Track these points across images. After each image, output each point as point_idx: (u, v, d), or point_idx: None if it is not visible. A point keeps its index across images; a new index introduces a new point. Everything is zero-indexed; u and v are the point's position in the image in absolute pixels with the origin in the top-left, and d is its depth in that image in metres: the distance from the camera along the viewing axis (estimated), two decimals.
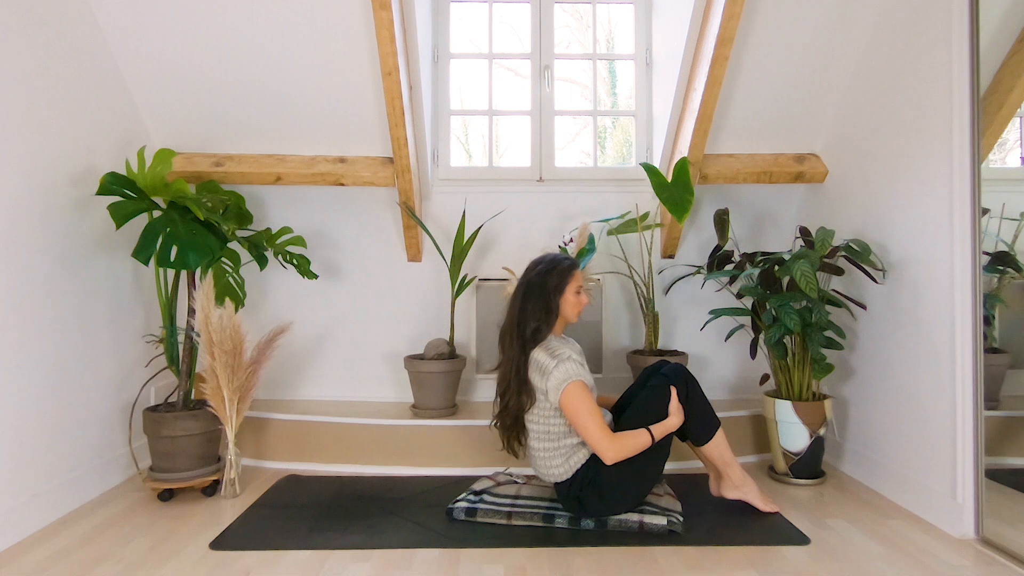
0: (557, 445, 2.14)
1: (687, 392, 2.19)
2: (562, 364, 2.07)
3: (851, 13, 2.55)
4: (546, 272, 2.20)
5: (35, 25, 2.16)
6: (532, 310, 2.16)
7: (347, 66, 2.63)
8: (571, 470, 2.13)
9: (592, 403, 2.08)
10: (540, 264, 2.23)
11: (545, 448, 2.15)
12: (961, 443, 2.05)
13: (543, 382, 2.09)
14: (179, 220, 2.35)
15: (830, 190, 2.89)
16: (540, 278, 2.19)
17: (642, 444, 2.08)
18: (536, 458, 2.20)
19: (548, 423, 2.13)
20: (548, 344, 2.15)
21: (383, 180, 2.89)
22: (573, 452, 2.14)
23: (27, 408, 2.12)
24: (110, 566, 1.87)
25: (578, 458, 2.13)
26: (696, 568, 1.85)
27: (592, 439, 2.05)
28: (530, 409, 2.15)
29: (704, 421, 2.22)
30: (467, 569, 1.85)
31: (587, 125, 3.37)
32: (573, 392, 2.05)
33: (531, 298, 2.17)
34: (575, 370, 2.08)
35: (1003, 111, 1.95)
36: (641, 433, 2.09)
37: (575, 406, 2.05)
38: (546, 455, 2.16)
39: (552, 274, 2.19)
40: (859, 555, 1.93)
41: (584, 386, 2.07)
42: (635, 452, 2.07)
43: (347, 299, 3.18)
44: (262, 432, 2.82)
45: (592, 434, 2.05)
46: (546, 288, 2.17)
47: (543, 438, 2.15)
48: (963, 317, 2.05)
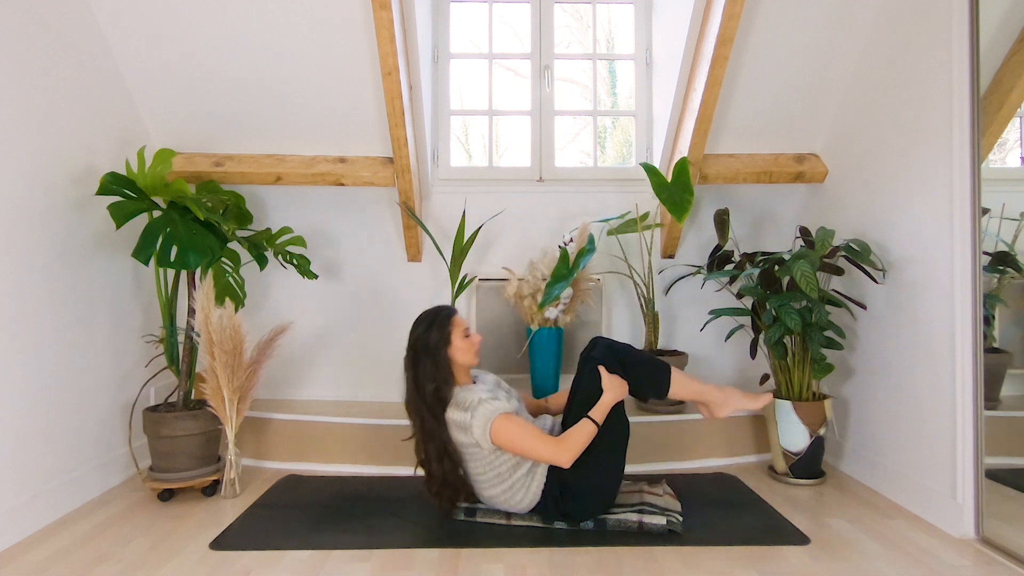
0: (511, 482, 2.12)
1: (621, 360, 2.19)
2: (476, 411, 2.06)
3: (851, 13, 2.55)
4: (425, 330, 2.18)
5: (35, 25, 2.16)
6: (425, 373, 2.14)
7: (347, 66, 2.63)
8: (537, 494, 2.12)
9: (523, 426, 2.07)
10: (418, 324, 2.22)
11: (502, 491, 2.13)
12: (961, 443, 2.05)
13: (469, 436, 2.07)
14: (179, 220, 2.35)
15: (830, 190, 2.89)
16: (422, 339, 2.18)
17: (588, 432, 2.07)
18: (500, 502, 2.17)
19: (495, 467, 2.11)
20: (455, 400, 2.13)
21: (383, 180, 2.89)
22: (529, 479, 2.12)
23: (27, 408, 2.12)
24: (110, 566, 1.87)
25: (536, 482, 2.12)
26: (696, 568, 1.85)
27: (541, 455, 2.05)
28: (468, 465, 2.13)
29: (653, 375, 2.22)
30: (467, 569, 1.85)
31: (587, 125, 3.37)
32: (500, 428, 2.04)
33: (420, 361, 2.15)
34: (490, 408, 2.06)
35: (1003, 111, 1.95)
36: (583, 423, 2.08)
37: (509, 437, 2.05)
38: (505, 495, 2.14)
39: (432, 330, 2.18)
40: (859, 555, 1.93)
41: (507, 416, 2.06)
42: (585, 443, 2.06)
43: (347, 299, 3.18)
44: (262, 432, 2.82)
45: (538, 452, 2.05)
46: (430, 346, 2.16)
47: (495, 483, 2.13)
48: (963, 317, 2.05)
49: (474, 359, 2.22)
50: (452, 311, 2.25)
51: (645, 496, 2.30)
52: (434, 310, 2.26)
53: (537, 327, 2.85)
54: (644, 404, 2.88)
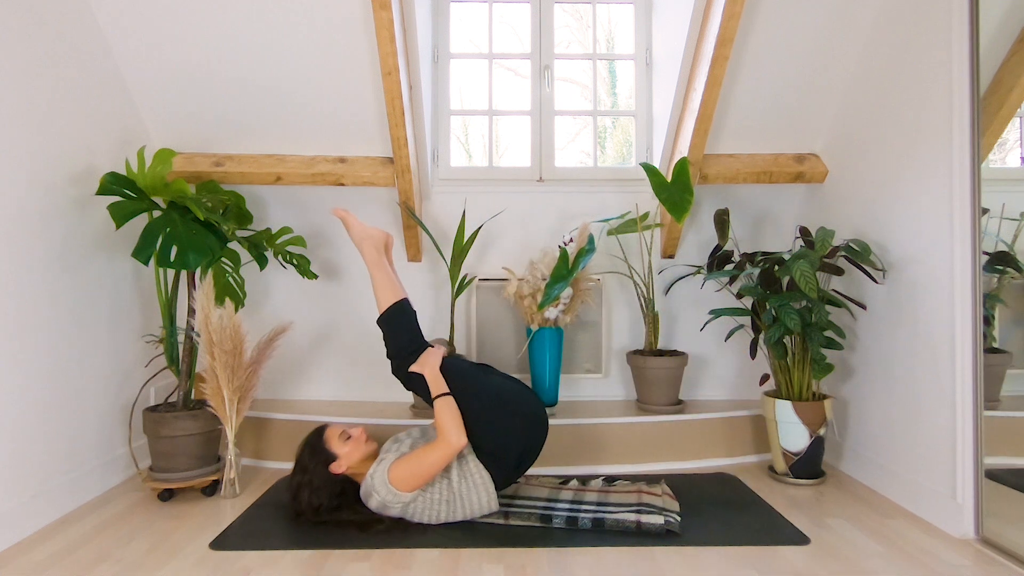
0: (460, 496, 2.12)
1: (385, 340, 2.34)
2: (374, 486, 2.08)
3: (851, 13, 2.55)
4: (306, 458, 2.19)
5: (35, 25, 2.16)
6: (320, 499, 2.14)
7: (347, 66, 2.63)
8: (488, 482, 2.13)
9: (409, 458, 2.08)
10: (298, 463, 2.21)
11: (463, 508, 2.13)
12: (961, 443, 2.05)
13: (393, 506, 2.08)
14: (179, 220, 2.35)
15: (830, 190, 2.89)
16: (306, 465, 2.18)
17: (443, 406, 2.12)
18: (475, 516, 2.16)
19: (433, 500, 2.11)
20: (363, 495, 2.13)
21: (383, 180, 2.89)
22: (469, 480, 2.13)
23: (27, 408, 2.12)
24: (110, 566, 1.87)
25: (477, 475, 2.13)
26: (696, 568, 1.85)
27: (442, 458, 2.06)
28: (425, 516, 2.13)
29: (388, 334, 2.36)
30: (467, 569, 1.85)
31: (587, 125, 3.37)
32: (396, 477, 2.06)
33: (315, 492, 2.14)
34: (379, 475, 2.08)
35: (1003, 111, 1.95)
36: (436, 405, 2.13)
37: (409, 474, 2.06)
38: (469, 507, 2.14)
39: (312, 456, 2.19)
40: (859, 555, 1.93)
41: (394, 464, 2.08)
42: (452, 414, 2.10)
43: (347, 299, 3.18)
44: (262, 432, 2.82)
45: (436, 458, 2.06)
46: (315, 469, 2.16)
47: (452, 508, 2.13)
48: (963, 317, 2.05)
49: (366, 448, 2.22)
50: (321, 428, 2.26)
51: (643, 496, 2.30)
52: (303, 441, 2.25)
53: (537, 327, 2.85)
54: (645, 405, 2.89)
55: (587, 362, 3.15)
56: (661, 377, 2.85)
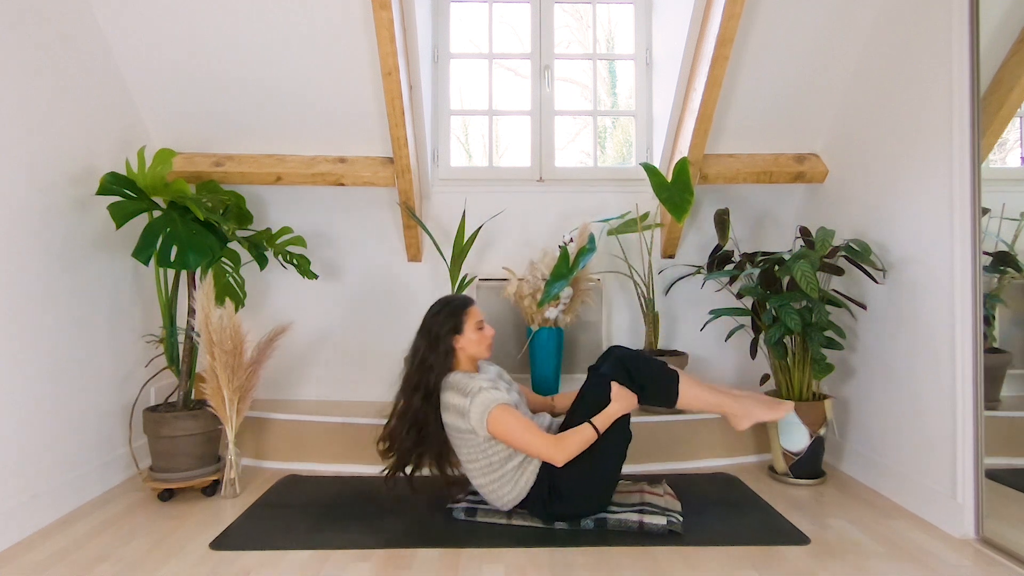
0: (501, 473, 2.12)
1: (630, 370, 2.17)
2: (475, 397, 2.06)
3: (851, 13, 2.55)
4: (441, 316, 2.20)
5: (35, 25, 2.16)
6: (429, 357, 2.16)
7: (347, 66, 2.63)
8: (524, 490, 2.11)
9: (520, 419, 2.06)
10: (433, 308, 2.23)
11: (491, 481, 2.13)
12: (961, 443, 2.05)
13: (465, 422, 2.07)
14: (179, 220, 2.35)
15: (830, 190, 2.89)
16: (434, 323, 2.20)
17: (587, 438, 2.06)
18: (487, 493, 2.16)
19: (487, 455, 2.11)
20: (456, 385, 2.12)
21: (383, 180, 2.89)
22: (519, 473, 2.12)
23: (27, 408, 2.12)
24: (110, 566, 1.87)
25: (526, 477, 2.11)
26: (696, 568, 1.85)
27: (535, 450, 2.05)
28: (461, 450, 2.13)
29: (660, 383, 2.20)
30: (467, 569, 1.85)
31: (587, 125, 3.37)
32: (497, 417, 2.04)
33: (428, 344, 2.17)
34: (490, 397, 2.06)
35: (1003, 111, 1.95)
36: (583, 427, 2.08)
37: (504, 428, 2.04)
38: (494, 487, 2.13)
39: (443, 316, 2.20)
40: (859, 555, 1.93)
41: (505, 407, 2.06)
42: (582, 447, 2.05)
43: (347, 299, 3.18)
44: (262, 432, 2.82)
45: (533, 446, 2.04)
46: (441, 332, 2.17)
47: (486, 472, 2.13)
48: (963, 317, 2.05)
49: (485, 352, 2.23)
50: (469, 301, 2.26)
51: (646, 496, 2.30)
52: (450, 297, 2.27)
53: (537, 327, 2.85)
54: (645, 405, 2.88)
55: (587, 362, 3.13)
56: None
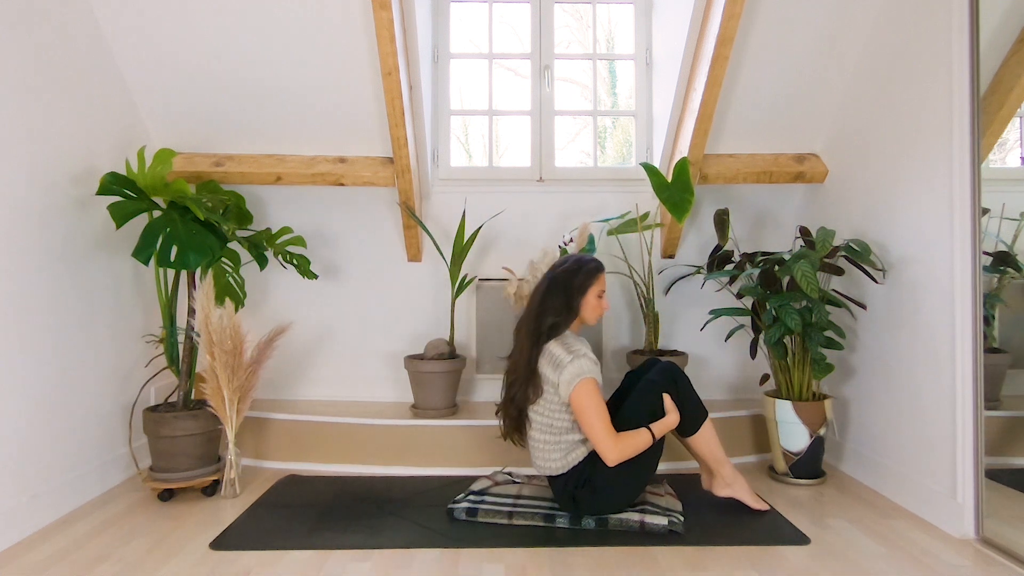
0: (558, 440, 2.15)
1: (677, 385, 2.21)
2: (577, 360, 2.08)
3: (851, 13, 2.55)
4: (573, 271, 2.20)
5: (35, 25, 2.16)
6: (552, 305, 2.17)
7: (347, 66, 2.63)
8: (568, 466, 2.14)
9: (601, 402, 2.08)
10: (567, 262, 2.24)
11: (546, 440, 2.16)
12: (961, 443, 2.05)
13: (556, 375, 2.09)
14: (179, 220, 2.35)
15: (830, 190, 2.89)
16: (566, 276, 2.20)
17: (644, 443, 2.09)
18: (535, 448, 2.20)
19: (553, 416, 2.14)
20: (564, 339, 2.15)
21: (383, 180, 2.89)
22: (572, 448, 2.15)
23: (27, 408, 2.12)
24: (110, 566, 1.87)
25: (576, 455, 2.14)
26: (696, 568, 1.85)
27: (597, 438, 2.06)
28: (536, 401, 2.15)
29: (692, 412, 2.23)
30: (467, 569, 1.85)
31: (587, 125, 3.37)
32: (584, 389, 2.06)
33: (554, 294, 2.18)
34: (589, 367, 2.08)
35: (1003, 111, 1.95)
36: (642, 432, 2.10)
37: (584, 403, 2.06)
38: (546, 447, 2.16)
39: (579, 274, 2.20)
40: (859, 555, 1.93)
41: (595, 384, 2.09)
42: (637, 451, 2.08)
43: (347, 299, 3.18)
44: (262, 432, 2.82)
45: (598, 433, 2.05)
46: (571, 286, 2.18)
47: (545, 430, 2.16)
48: (963, 317, 2.05)
49: (595, 321, 2.25)
50: (602, 266, 2.26)
51: (647, 496, 2.30)
52: (588, 258, 2.26)
53: None
54: None
55: None
56: None
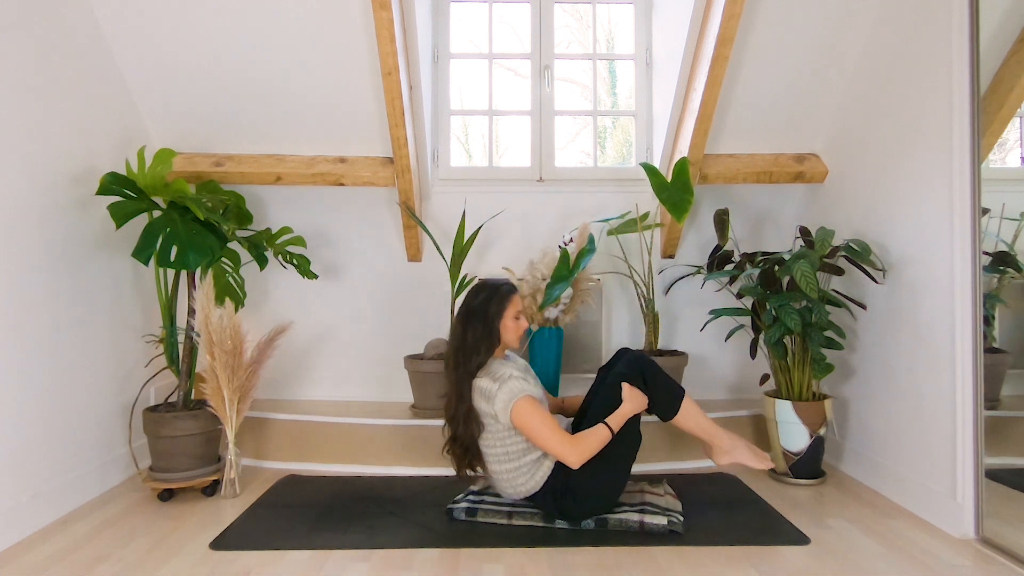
0: (519, 464, 2.13)
1: (644, 375, 2.20)
2: (505, 384, 2.07)
3: (851, 13, 2.55)
4: (487, 299, 2.19)
5: (35, 25, 2.16)
6: (474, 337, 2.15)
7: (347, 66, 2.63)
8: (539, 483, 2.12)
9: (544, 414, 2.07)
10: (480, 291, 2.23)
11: (507, 469, 2.14)
12: (961, 443, 2.05)
13: (490, 406, 2.08)
14: (179, 220, 2.35)
15: (830, 190, 2.89)
16: (482, 305, 2.19)
17: (602, 438, 2.07)
18: (500, 480, 2.17)
19: (505, 444, 2.12)
20: (489, 369, 2.14)
21: (383, 180, 2.89)
22: (537, 466, 2.13)
23: (27, 408, 2.12)
24: (110, 566, 1.87)
25: (543, 471, 2.13)
26: (696, 568, 1.85)
27: (552, 448, 2.05)
28: (481, 435, 2.14)
29: (667, 395, 2.23)
30: (467, 569, 1.85)
31: (587, 125, 3.37)
32: (521, 409, 2.05)
33: (473, 325, 2.17)
34: (519, 387, 2.07)
35: (1003, 111, 1.95)
36: (598, 428, 2.09)
37: (527, 422, 2.05)
38: (509, 475, 2.14)
39: (493, 301, 2.19)
40: (859, 555, 1.93)
41: (532, 399, 2.07)
42: (597, 448, 2.06)
43: (347, 299, 3.18)
44: (262, 432, 2.82)
45: (550, 443, 2.05)
46: (488, 314, 2.17)
47: (503, 460, 2.13)
48: (963, 317, 2.05)
49: (516, 342, 2.24)
50: (514, 288, 2.26)
51: (646, 496, 2.30)
52: (499, 282, 2.27)
53: (537, 327, 2.85)
54: None
55: (587, 362, 3.14)
56: None
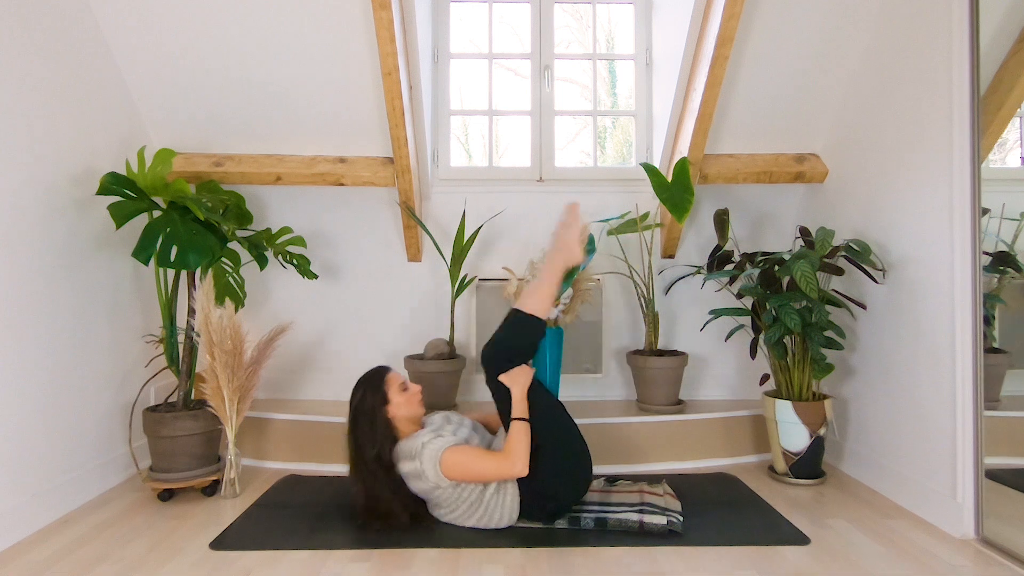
0: (484, 505, 2.10)
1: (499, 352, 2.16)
2: (422, 455, 2.05)
3: (851, 13, 2.55)
4: (362, 396, 2.17)
5: (35, 25, 2.16)
6: (365, 437, 2.13)
7: (347, 66, 2.63)
8: (515, 507, 2.10)
9: (469, 452, 2.05)
10: (355, 391, 2.20)
11: (480, 516, 2.11)
12: (961, 443, 2.05)
13: (425, 482, 2.06)
14: (179, 220, 2.35)
15: (830, 190, 2.89)
16: (360, 404, 2.17)
17: (521, 431, 2.06)
18: (482, 526, 2.13)
19: (462, 499, 2.09)
20: (403, 452, 2.11)
21: (383, 180, 2.89)
22: (501, 495, 2.09)
23: (27, 408, 2.12)
24: (110, 566, 1.87)
25: (510, 495, 2.09)
26: (696, 568, 1.85)
27: (494, 475, 2.03)
28: (437, 509, 2.12)
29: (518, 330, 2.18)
30: (467, 569, 1.85)
31: (587, 125, 3.37)
32: (449, 461, 2.03)
33: (361, 428, 2.14)
34: (434, 447, 2.05)
35: (1003, 111, 1.95)
36: (513, 427, 2.07)
37: (460, 469, 2.03)
38: (485, 519, 2.11)
39: (367, 394, 2.17)
40: (859, 555, 1.93)
41: (453, 448, 2.04)
42: (526, 444, 2.04)
43: (347, 299, 3.18)
44: (262, 432, 2.82)
45: (490, 472, 2.03)
46: (368, 410, 2.15)
47: (471, 513, 2.10)
48: (963, 317, 2.05)
49: (418, 409, 2.22)
50: (385, 369, 2.25)
51: (646, 496, 2.30)
52: (367, 374, 2.24)
53: None
54: (645, 405, 2.89)
55: (587, 362, 3.15)
56: (661, 377, 2.85)
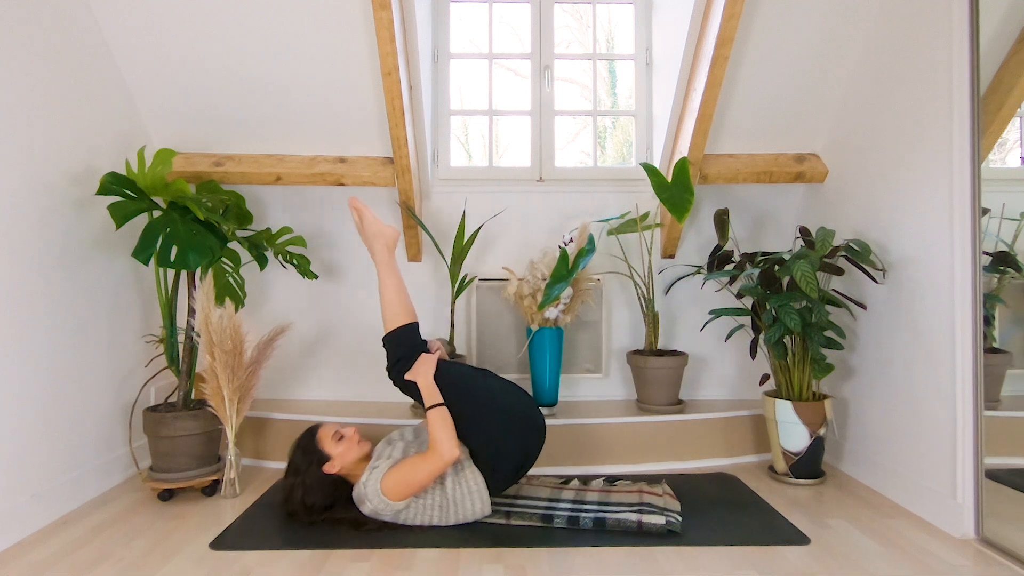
0: (452, 500, 2.11)
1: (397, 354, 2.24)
2: (367, 495, 2.06)
3: (851, 13, 2.55)
4: (298, 458, 2.18)
5: (35, 25, 2.16)
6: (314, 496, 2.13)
7: (347, 66, 2.63)
8: (482, 487, 2.12)
9: (402, 467, 2.06)
10: (292, 454, 2.21)
11: (454, 512, 2.12)
12: (961, 443, 2.05)
13: (390, 513, 2.07)
14: (179, 220, 2.35)
15: (830, 190, 2.89)
16: (298, 466, 2.17)
17: (438, 417, 2.09)
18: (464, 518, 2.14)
19: (429, 507, 2.10)
20: (357, 499, 2.11)
21: (383, 180, 2.89)
22: (460, 483, 2.12)
23: (27, 408, 2.12)
24: (110, 566, 1.87)
25: (471, 480, 2.12)
26: (696, 568, 1.85)
27: (434, 470, 2.04)
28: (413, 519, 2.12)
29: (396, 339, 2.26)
30: (467, 569, 1.85)
31: (587, 125, 3.37)
32: (389, 487, 2.04)
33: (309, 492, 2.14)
34: (372, 482, 2.06)
35: (1003, 111, 1.95)
36: (429, 416, 2.11)
37: (403, 487, 2.04)
38: (461, 513, 2.12)
39: (303, 453, 2.18)
40: (859, 555, 1.93)
41: (387, 475, 2.06)
42: (448, 427, 2.07)
43: (347, 299, 3.18)
44: (262, 432, 2.82)
45: (427, 472, 2.04)
46: (308, 470, 2.15)
47: (443, 513, 2.11)
48: (963, 317, 2.05)
49: (360, 449, 2.21)
50: (312, 430, 2.25)
51: (645, 496, 2.30)
52: (296, 443, 2.24)
53: (537, 327, 2.85)
54: (645, 405, 2.89)
55: (587, 362, 3.15)
56: (661, 377, 2.85)
